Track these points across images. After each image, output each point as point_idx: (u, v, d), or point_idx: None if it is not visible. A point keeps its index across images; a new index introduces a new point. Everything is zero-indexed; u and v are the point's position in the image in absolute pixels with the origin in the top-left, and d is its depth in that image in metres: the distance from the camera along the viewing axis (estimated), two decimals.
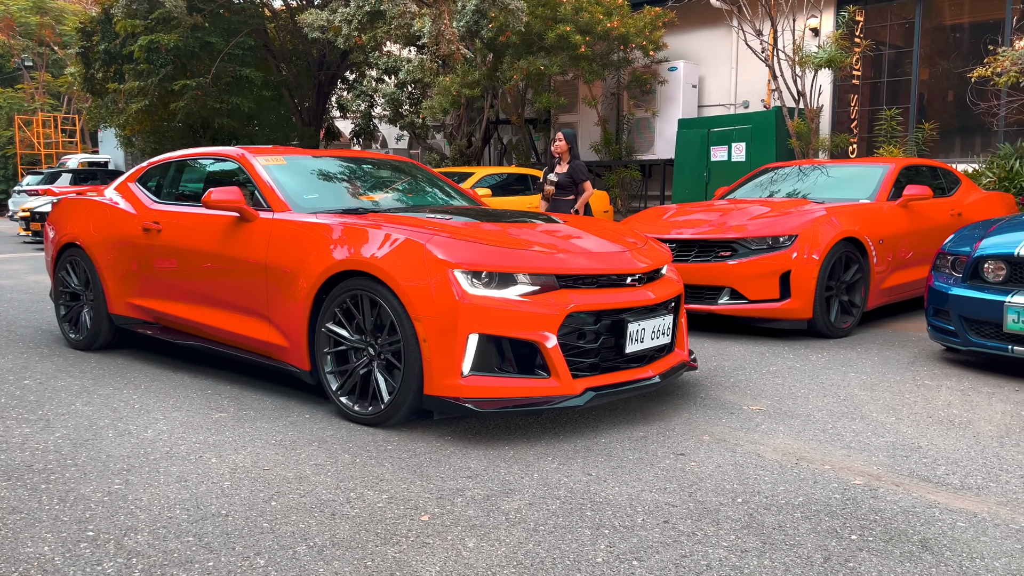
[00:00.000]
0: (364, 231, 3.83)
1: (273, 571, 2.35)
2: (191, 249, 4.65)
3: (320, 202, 4.50)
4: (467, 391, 3.44)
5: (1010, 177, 9.51)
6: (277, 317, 4.10)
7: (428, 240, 3.62)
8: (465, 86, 12.72)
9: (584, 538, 2.58)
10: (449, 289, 3.45)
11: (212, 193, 4.25)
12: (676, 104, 12.98)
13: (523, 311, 3.46)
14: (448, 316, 3.43)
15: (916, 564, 2.41)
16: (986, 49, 10.10)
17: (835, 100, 12.25)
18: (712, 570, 2.36)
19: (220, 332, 4.50)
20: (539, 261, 3.63)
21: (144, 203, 5.18)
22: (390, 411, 3.63)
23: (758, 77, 12.52)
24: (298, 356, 4.01)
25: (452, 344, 3.43)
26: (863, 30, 12.02)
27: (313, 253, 3.91)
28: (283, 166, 4.71)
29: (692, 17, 12.92)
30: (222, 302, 4.47)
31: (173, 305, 4.83)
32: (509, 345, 3.49)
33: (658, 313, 3.91)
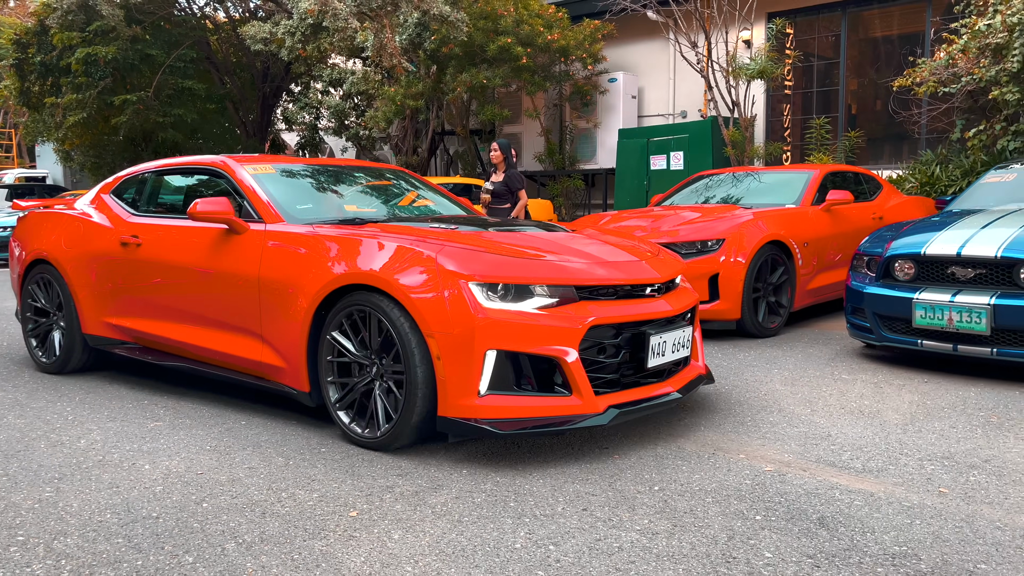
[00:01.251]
0: (368, 243, 3.61)
1: (201, 567, 2.42)
2: (174, 264, 4.36)
3: (313, 213, 4.28)
4: (484, 411, 3.22)
5: (931, 182, 9.95)
6: (272, 335, 3.85)
7: (439, 251, 3.40)
8: (409, 97, 12.82)
9: (506, 526, 2.70)
10: (464, 303, 3.23)
11: (198, 204, 3.98)
12: (617, 114, 13.27)
13: (542, 325, 3.25)
14: (464, 332, 3.21)
15: (812, 539, 2.58)
16: (907, 60, 10.58)
17: (768, 109, 12.66)
18: (624, 551, 2.50)
19: (207, 352, 4.21)
20: (556, 271, 3.42)
21: (120, 216, 4.87)
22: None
23: (695, 88, 12.88)
24: (295, 377, 3.77)
25: (468, 362, 3.21)
26: (793, 42, 12.46)
27: (313, 267, 3.67)
28: (272, 175, 4.45)
29: (630, 30, 13.24)
30: (209, 320, 4.18)
31: (154, 324, 4.52)
32: (528, 361, 3.29)
33: (677, 325, 3.74)
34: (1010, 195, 5.98)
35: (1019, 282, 4.58)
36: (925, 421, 3.91)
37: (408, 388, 3.31)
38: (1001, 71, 8.44)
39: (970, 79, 8.90)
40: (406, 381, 3.32)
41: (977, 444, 3.54)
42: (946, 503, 2.88)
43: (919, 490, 3.00)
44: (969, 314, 4.64)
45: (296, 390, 3.79)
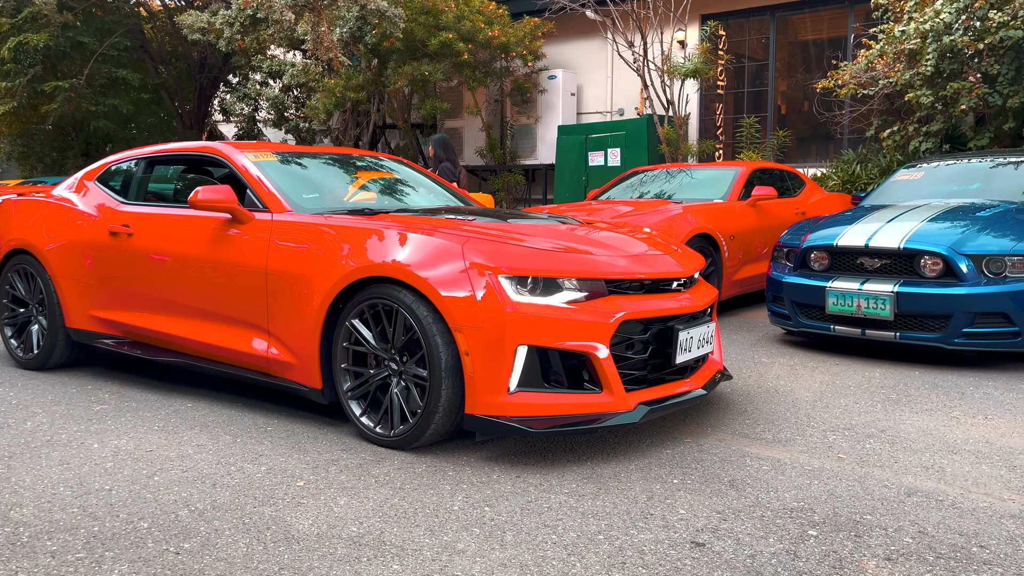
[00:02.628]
0: (388, 234, 3.47)
1: (156, 531, 2.57)
2: (170, 254, 4.17)
3: (320, 202, 4.14)
4: (514, 409, 3.12)
5: (852, 180, 10.48)
6: (280, 329, 3.69)
7: (464, 243, 3.28)
8: (350, 89, 12.86)
9: (444, 492, 2.91)
10: (495, 297, 3.13)
11: (200, 192, 3.79)
12: (556, 111, 13.55)
13: (574, 320, 3.17)
14: (495, 327, 3.10)
15: (722, 498, 2.86)
16: (830, 63, 11.11)
17: (702, 108, 13.10)
18: (552, 511, 2.74)
19: (206, 347, 4.02)
20: (586, 265, 3.34)
21: (108, 204, 4.65)
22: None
23: (631, 86, 13.23)
24: (306, 373, 3.61)
25: (499, 357, 3.11)
26: (726, 44, 12.91)
27: (327, 260, 3.53)
28: (273, 163, 4.26)
29: (570, 28, 13.52)
30: (209, 313, 4.00)
31: (147, 317, 4.32)
32: (558, 357, 3.20)
33: (701, 320, 3.69)
34: (917, 192, 6.43)
35: (920, 271, 4.98)
36: (832, 398, 4.25)
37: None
38: (915, 75, 8.96)
39: (887, 82, 9.42)
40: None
41: (876, 417, 3.89)
42: (843, 466, 3.19)
43: (820, 456, 3.31)
44: (875, 301, 5.02)
45: (306, 387, 3.63)
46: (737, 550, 2.44)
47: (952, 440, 3.53)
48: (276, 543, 2.49)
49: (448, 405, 3.21)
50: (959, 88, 8.58)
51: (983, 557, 2.39)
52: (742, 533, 2.55)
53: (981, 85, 8.62)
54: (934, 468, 3.18)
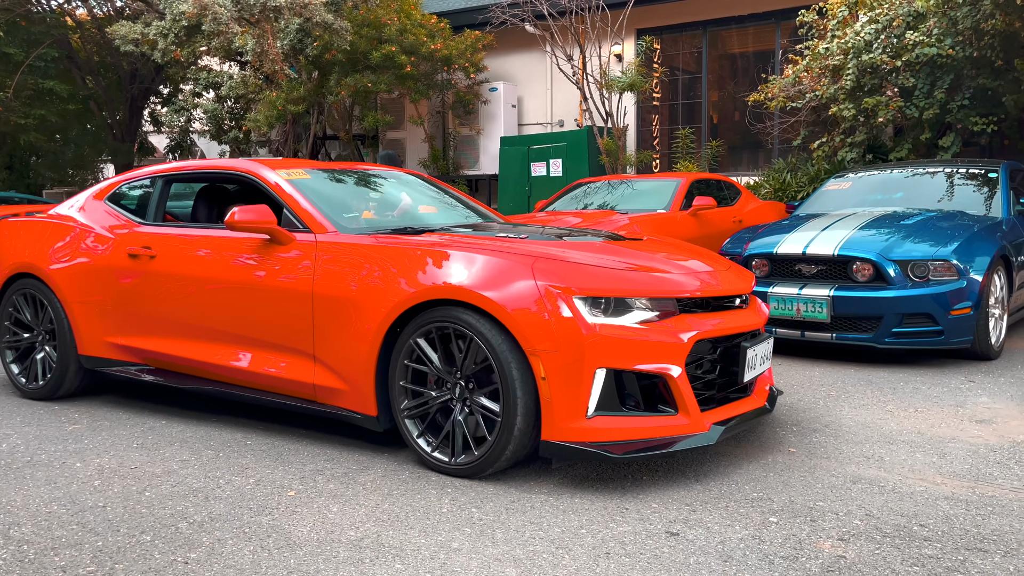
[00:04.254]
0: (452, 254, 3.36)
1: (160, 543, 2.67)
2: (200, 277, 3.98)
3: (359, 221, 4.04)
4: (593, 434, 3.05)
5: (783, 188, 11.01)
6: (328, 355, 3.55)
7: (533, 264, 3.20)
8: (291, 102, 12.86)
9: (431, 496, 3.08)
10: (572, 319, 3.05)
11: (237, 213, 3.64)
12: (498, 122, 13.79)
13: (651, 340, 3.11)
14: (573, 349, 3.03)
15: (689, 491, 3.10)
16: (759, 77, 11.64)
17: (639, 120, 13.52)
18: (536, 509, 2.94)
19: (242, 374, 3.85)
20: (658, 284, 3.28)
21: (125, 225, 4.46)
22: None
23: (571, 98, 13.57)
24: (359, 400, 3.49)
25: (577, 381, 3.03)
26: (660, 57, 13.38)
27: (383, 282, 3.41)
28: (307, 181, 4.10)
29: (510, 41, 13.79)
30: (246, 339, 3.84)
31: (173, 343, 4.12)
32: (635, 380, 3.15)
33: (762, 337, 3.65)
34: (847, 201, 6.87)
35: (852, 276, 5.36)
36: (778, 398, 4.56)
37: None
38: (838, 89, 9.50)
39: (813, 96, 9.96)
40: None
41: (819, 413, 4.21)
42: (794, 459, 3.48)
43: (773, 451, 3.60)
44: (813, 304, 5.38)
45: (360, 414, 3.51)
46: (708, 537, 2.68)
47: (888, 432, 3.86)
48: (280, 549, 2.62)
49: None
50: (878, 102, 9.13)
51: (923, 535, 2.69)
52: (711, 522, 2.80)
53: (898, 99, 9.20)
54: (874, 457, 3.49)
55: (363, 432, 3.89)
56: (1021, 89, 8.67)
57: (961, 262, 5.19)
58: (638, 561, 2.51)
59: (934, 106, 9.05)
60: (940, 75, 9.10)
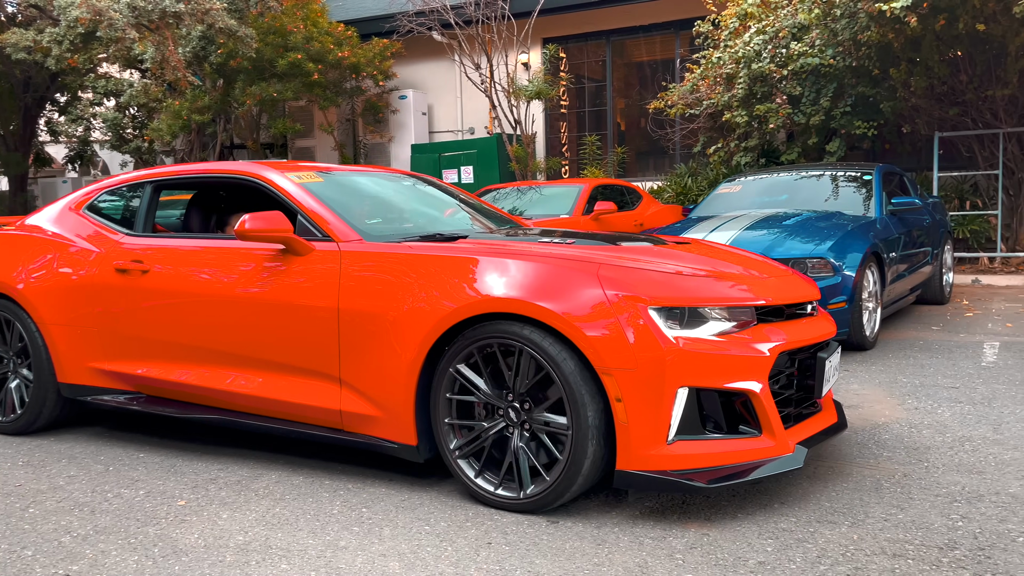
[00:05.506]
0: (503, 262, 2.99)
1: (42, 557, 2.65)
2: (203, 294, 3.58)
3: (386, 228, 3.72)
4: (675, 461, 2.74)
5: (684, 192, 11.43)
6: (358, 378, 3.19)
7: (598, 269, 2.88)
8: (195, 111, 12.60)
9: (323, 499, 3.14)
10: (649, 333, 2.73)
11: (248, 221, 3.24)
12: (409, 130, 13.85)
13: (733, 355, 2.79)
14: (652, 367, 2.70)
15: None
16: (660, 85, 12.05)
17: (547, 127, 13.79)
18: (425, 506, 3.03)
19: (256, 401, 3.47)
20: (733, 291, 2.98)
21: (110, 237, 4.02)
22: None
23: (480, 106, 13.74)
24: (396, 427, 3.12)
25: (658, 403, 2.72)
26: (567, 65, 13.68)
27: (425, 293, 3.04)
28: (320, 184, 3.72)
29: (419, 49, 13.86)
30: (259, 361, 3.44)
31: (171, 368, 3.71)
32: (717, 399, 2.83)
33: (833, 347, 3.34)
34: (737, 203, 7.21)
35: None
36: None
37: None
38: (732, 97, 9.95)
39: (709, 103, 10.39)
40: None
41: None
42: None
43: None
44: None
45: (396, 443, 3.14)
46: (586, 524, 2.83)
47: None
48: (165, 557, 2.64)
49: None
50: (769, 109, 9.60)
51: (781, 510, 2.90)
52: (588, 510, 2.95)
53: (787, 106, 9.69)
54: None
55: (259, 440, 3.91)
56: (897, 96, 9.26)
57: (836, 259, 5.54)
58: (517, 549, 2.64)
59: (820, 113, 9.59)
60: (824, 84, 9.64)
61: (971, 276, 9.11)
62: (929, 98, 9.35)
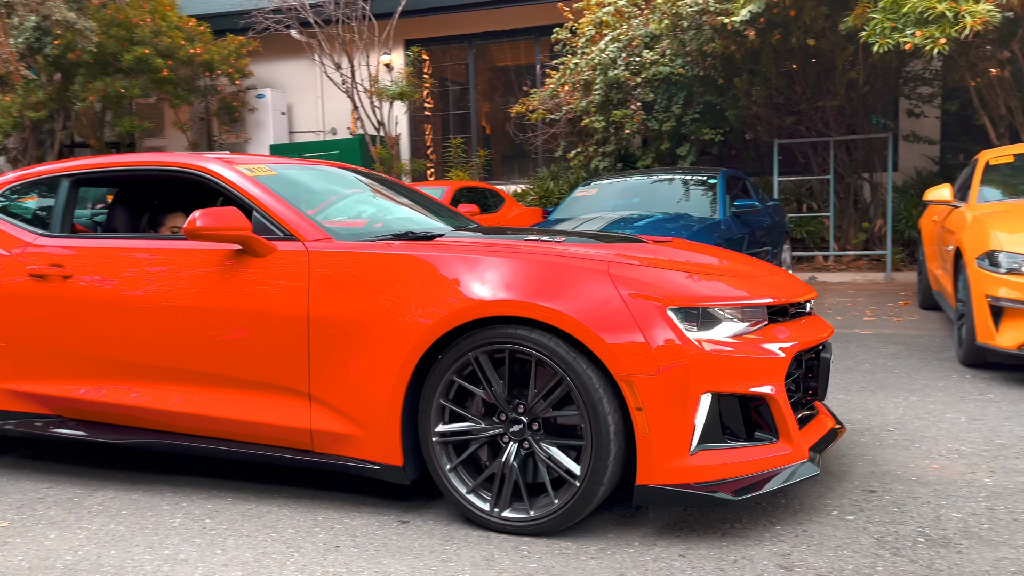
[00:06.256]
0: (501, 261, 2.75)
1: None
2: (140, 302, 3.15)
3: (353, 226, 3.42)
4: (697, 473, 2.55)
5: (547, 195, 11.68)
6: (332, 393, 2.88)
7: (609, 268, 2.69)
8: (29, 107, 11.72)
9: (164, 512, 3.00)
10: (672, 335, 2.55)
11: (200, 219, 2.87)
12: (267, 130, 13.44)
13: (752, 357, 2.63)
14: (676, 372, 2.53)
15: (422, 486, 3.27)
16: (522, 89, 12.27)
17: (411, 129, 13.74)
18: (273, 514, 2.96)
19: (209, 422, 3.09)
20: (745, 289, 2.82)
21: (21, 238, 3.49)
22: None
23: (343, 106, 13.52)
24: (379, 446, 2.82)
25: (681, 411, 2.53)
26: (431, 68, 13.69)
27: (413, 297, 2.77)
28: (274, 178, 3.34)
29: (277, 47, 13.48)
30: (212, 376, 3.07)
31: (104, 387, 3.26)
32: (736, 404, 2.67)
33: (830, 347, 3.18)
34: (592, 206, 7.43)
35: None
36: None
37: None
38: (589, 103, 10.26)
39: (568, 108, 10.67)
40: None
41: None
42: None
43: None
44: None
45: (379, 464, 2.83)
46: (436, 521, 2.85)
47: None
48: None
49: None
50: (624, 115, 9.98)
51: None
52: (439, 510, 2.97)
53: (641, 112, 10.10)
54: None
55: (94, 455, 3.69)
56: (740, 105, 9.84)
57: None
58: (366, 550, 2.62)
59: (671, 119, 10.05)
60: (675, 91, 10.11)
61: (808, 273, 9.79)
62: (769, 107, 9.98)
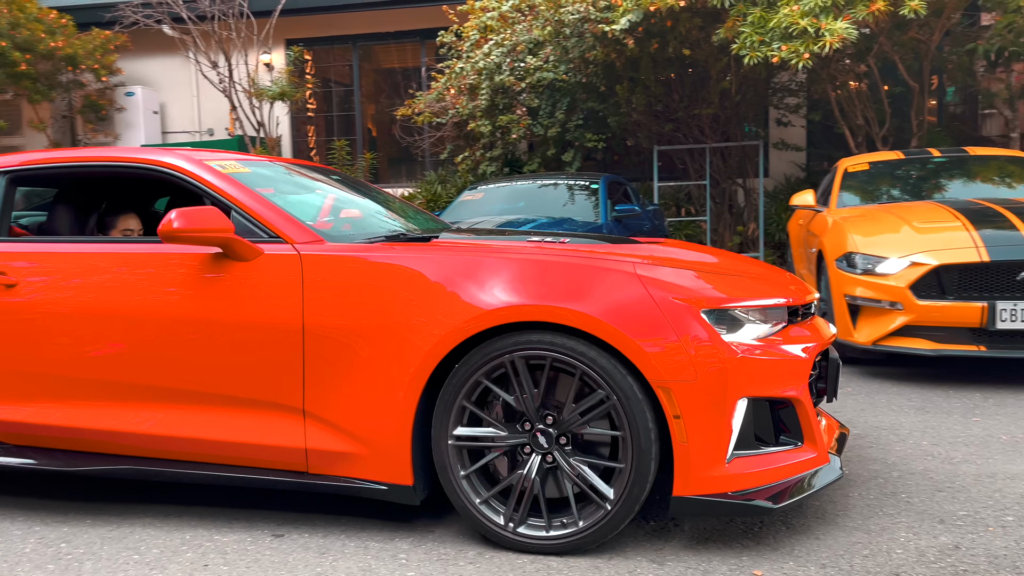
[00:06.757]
0: (524, 263, 2.60)
1: None
2: (102, 313, 2.86)
3: (339, 227, 3.20)
4: (734, 482, 2.46)
5: (435, 199, 11.63)
6: (331, 408, 2.67)
7: (635, 268, 2.56)
8: None
9: (15, 537, 2.80)
10: (708, 339, 2.46)
11: (177, 219, 2.62)
12: (138, 129, 12.78)
13: (780, 360, 2.57)
14: (714, 377, 2.44)
15: (296, 498, 3.18)
16: (407, 92, 12.19)
17: (294, 131, 13.39)
18: (136, 534, 2.80)
19: (183, 444, 2.82)
20: (768, 290, 2.76)
21: None
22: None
23: (220, 106, 13.01)
24: (386, 465, 2.62)
25: (719, 417, 2.45)
26: (313, 68, 13.38)
27: (422, 303, 2.59)
28: (249, 175, 3.09)
29: (148, 44, 12.85)
30: (188, 393, 2.80)
31: (61, 409, 2.93)
32: (767, 408, 2.60)
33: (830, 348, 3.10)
34: (479, 210, 7.45)
35: None
36: None
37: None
38: (475, 107, 10.28)
39: (455, 112, 10.66)
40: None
41: None
42: None
43: None
44: None
45: (386, 484, 2.64)
46: (312, 534, 2.77)
47: None
48: None
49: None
50: (510, 120, 10.06)
51: None
52: (316, 522, 2.89)
53: (527, 118, 10.21)
54: None
55: None
56: (621, 112, 10.10)
57: None
58: (236, 567, 2.52)
59: (556, 125, 10.20)
60: (559, 98, 10.28)
61: None
62: (648, 115, 10.29)
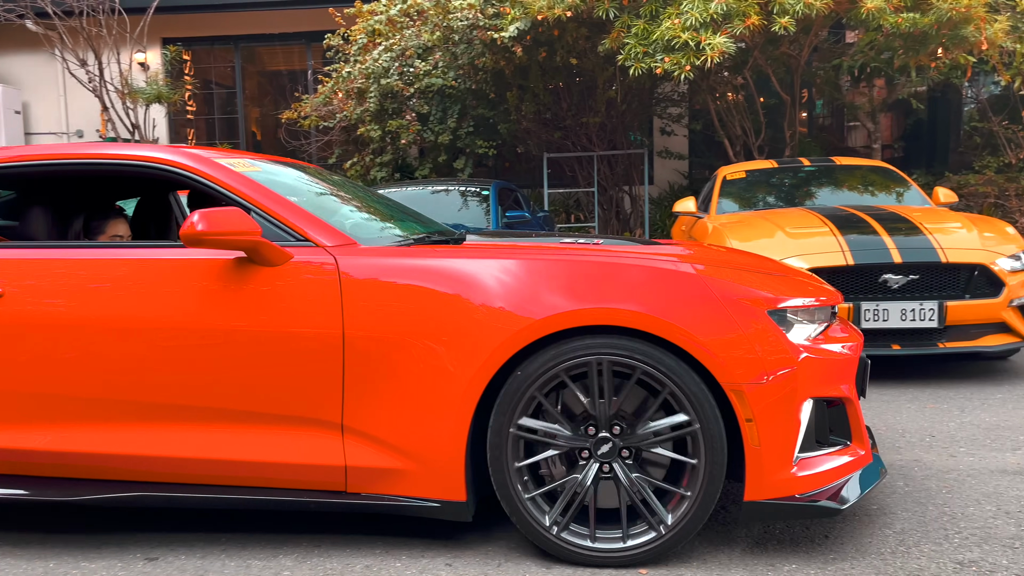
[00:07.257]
0: (581, 264, 2.51)
1: None
2: (109, 325, 2.59)
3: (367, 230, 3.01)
4: (799, 484, 2.43)
5: None
6: (374, 422, 2.51)
7: (694, 267, 2.55)
8: None
9: None
10: (776, 339, 2.44)
11: (200, 222, 2.40)
12: None
13: (836, 359, 2.56)
14: (784, 379, 2.41)
15: (172, 519, 3.01)
16: (293, 95, 11.88)
17: (172, 133, 12.82)
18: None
19: (204, 466, 2.58)
20: (815, 290, 2.75)
21: None
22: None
23: (91, 107, 12.29)
24: (438, 481, 2.48)
25: (788, 419, 2.42)
26: (192, 69, 12.85)
27: (475, 307, 2.46)
28: (262, 174, 2.90)
29: (9, 39, 12.01)
30: (211, 411, 2.57)
31: (62, 432, 2.63)
32: (824, 408, 2.58)
33: None
34: None
35: None
36: None
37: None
38: (364, 111, 10.13)
39: (343, 116, 10.46)
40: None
41: None
42: None
43: None
44: None
45: (437, 501, 2.50)
46: (188, 556, 2.62)
47: None
48: None
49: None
50: (400, 125, 9.96)
51: None
52: (192, 542, 2.74)
53: (416, 123, 10.13)
54: None
55: None
56: (511, 119, 10.18)
57: None
58: None
59: (447, 132, 10.17)
60: (449, 104, 10.25)
61: None
62: (538, 122, 10.41)
